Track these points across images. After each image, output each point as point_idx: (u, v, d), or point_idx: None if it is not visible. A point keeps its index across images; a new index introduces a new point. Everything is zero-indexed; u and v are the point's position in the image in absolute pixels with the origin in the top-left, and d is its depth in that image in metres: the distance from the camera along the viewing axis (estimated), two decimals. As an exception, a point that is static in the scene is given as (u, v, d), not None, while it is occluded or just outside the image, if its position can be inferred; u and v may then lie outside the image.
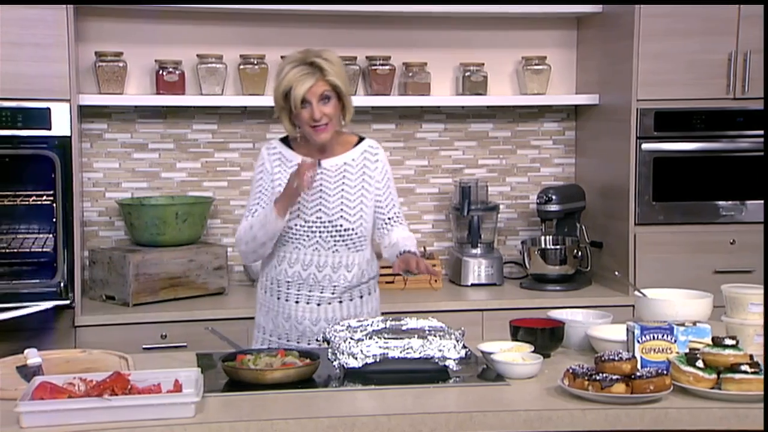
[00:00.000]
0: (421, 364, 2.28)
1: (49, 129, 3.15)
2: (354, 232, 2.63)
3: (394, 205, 2.71)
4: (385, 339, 2.29)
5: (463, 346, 2.32)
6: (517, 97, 3.91)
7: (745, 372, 2.08)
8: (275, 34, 3.74)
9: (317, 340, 2.59)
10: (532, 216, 3.98)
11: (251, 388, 2.17)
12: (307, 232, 2.61)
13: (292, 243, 2.63)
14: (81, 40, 3.43)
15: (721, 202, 3.61)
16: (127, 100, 3.59)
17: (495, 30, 3.91)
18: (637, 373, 2.10)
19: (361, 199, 2.64)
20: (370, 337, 2.29)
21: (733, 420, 2.04)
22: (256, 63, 3.64)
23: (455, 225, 3.88)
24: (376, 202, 2.68)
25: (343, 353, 2.27)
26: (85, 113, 3.55)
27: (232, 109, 3.76)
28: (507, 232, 4.02)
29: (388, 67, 3.75)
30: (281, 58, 3.65)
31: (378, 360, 2.26)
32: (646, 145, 3.56)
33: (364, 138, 2.73)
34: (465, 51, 3.88)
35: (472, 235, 3.76)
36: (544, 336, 2.44)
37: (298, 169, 2.49)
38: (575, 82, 3.99)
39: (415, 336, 2.31)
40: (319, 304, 2.65)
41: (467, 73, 3.82)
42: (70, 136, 3.18)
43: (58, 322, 3.15)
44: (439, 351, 2.28)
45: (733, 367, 2.10)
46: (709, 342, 2.20)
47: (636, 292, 2.63)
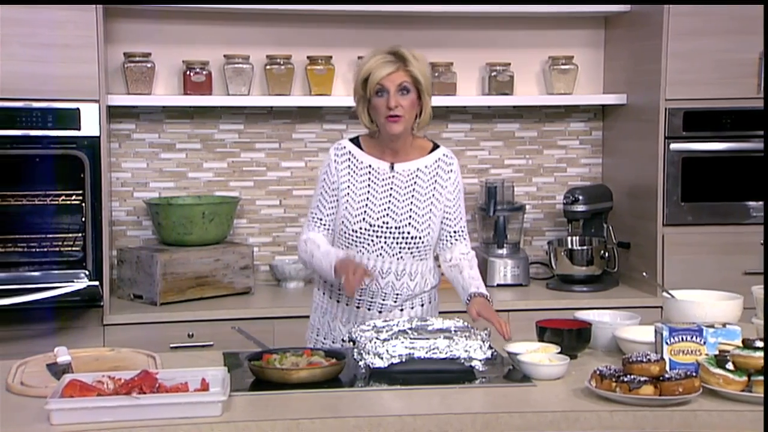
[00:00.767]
0: (447, 365, 2.28)
1: (78, 129, 3.18)
2: (421, 241, 2.55)
3: (461, 218, 2.62)
4: (411, 339, 2.29)
5: (489, 347, 2.31)
6: (543, 97, 3.89)
7: (776, 375, 2.05)
8: (301, 35, 3.75)
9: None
10: (558, 216, 3.96)
11: (277, 387, 2.17)
12: (372, 236, 2.54)
13: (356, 247, 2.55)
14: (110, 41, 3.47)
15: (750, 203, 3.57)
16: (154, 100, 3.62)
17: (521, 30, 3.90)
18: (666, 375, 2.08)
19: (430, 207, 2.56)
20: (396, 337, 2.29)
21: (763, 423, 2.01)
22: (282, 63, 3.66)
23: (481, 225, 3.86)
24: (445, 214, 2.59)
25: (368, 353, 2.27)
26: (114, 113, 3.58)
27: (258, 109, 3.78)
28: (533, 233, 4.01)
29: (414, 67, 3.74)
30: (307, 58, 3.70)
31: (404, 360, 2.26)
32: (674, 145, 3.53)
33: (440, 146, 2.62)
34: (491, 51, 3.86)
35: (498, 235, 3.74)
36: (571, 337, 2.43)
37: (348, 273, 2.39)
38: (602, 82, 3.97)
39: (441, 336, 2.30)
40: (381, 311, 2.59)
41: (493, 73, 3.81)
42: (99, 137, 3.21)
43: (87, 320, 3.19)
44: (465, 351, 2.27)
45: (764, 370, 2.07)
46: (740, 344, 2.17)
47: (664, 293, 2.61)
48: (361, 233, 2.54)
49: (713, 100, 3.51)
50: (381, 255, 2.55)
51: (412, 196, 2.56)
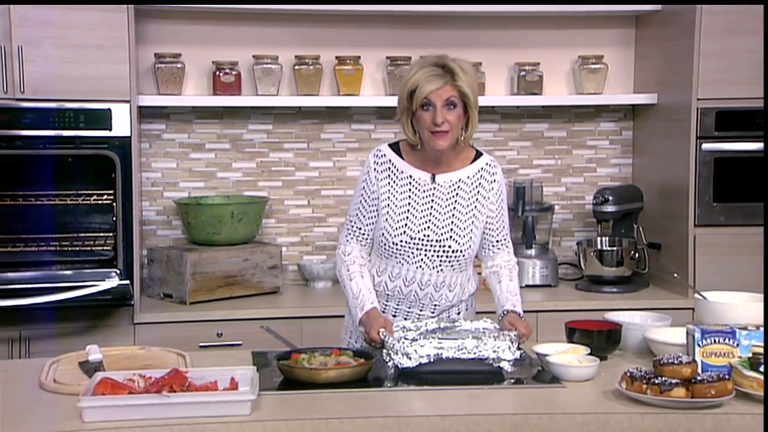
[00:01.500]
0: (475, 365, 2.27)
1: (109, 129, 3.21)
2: (462, 254, 2.50)
3: (504, 227, 2.57)
4: (439, 339, 2.28)
5: (518, 348, 2.30)
6: (573, 97, 3.86)
7: (811, 378, 2.02)
8: (330, 35, 3.75)
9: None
10: (587, 217, 3.94)
11: (306, 387, 2.18)
12: (413, 249, 2.49)
13: (395, 258, 2.50)
14: (141, 42, 3.50)
15: (784, 203, 3.52)
16: (184, 100, 3.64)
17: (551, 29, 3.87)
18: (698, 378, 2.06)
19: (472, 219, 2.50)
20: (425, 337, 2.29)
21: (797, 427, 1.98)
22: (311, 63, 3.67)
23: (509, 225, 3.84)
24: (487, 224, 2.54)
25: (397, 353, 2.27)
26: (144, 114, 3.61)
27: (286, 109, 3.79)
28: (562, 233, 3.98)
29: (442, 66, 3.74)
30: (336, 58, 3.71)
31: (432, 360, 2.26)
32: (706, 145, 3.49)
33: (482, 153, 2.57)
34: (520, 50, 3.85)
35: (526, 235, 3.72)
36: (601, 338, 2.41)
37: (372, 330, 2.38)
38: (633, 82, 3.93)
39: (470, 336, 2.29)
40: (419, 317, 2.56)
41: (522, 73, 3.79)
42: (130, 137, 3.24)
43: (118, 319, 3.21)
44: (494, 352, 2.26)
45: (798, 373, 2.04)
46: (773, 346, 2.14)
47: (696, 295, 2.58)
48: (401, 246, 2.50)
49: (746, 99, 3.46)
50: (420, 267, 2.51)
51: (454, 209, 2.50)
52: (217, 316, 3.31)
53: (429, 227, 2.49)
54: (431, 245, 2.50)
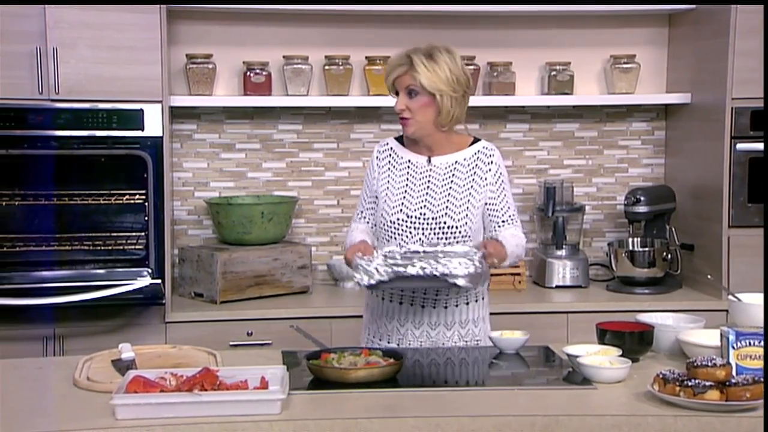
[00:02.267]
0: (431, 282, 2.35)
1: (142, 130, 3.24)
2: (458, 230, 2.53)
3: (509, 207, 2.59)
4: (403, 258, 2.37)
5: (475, 264, 2.34)
6: (604, 97, 3.83)
7: None
8: (360, 35, 3.76)
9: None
10: (619, 217, 3.90)
11: (335, 386, 2.18)
12: (410, 227, 2.55)
13: (395, 238, 2.56)
14: (173, 43, 3.52)
15: (820, 204, 3.46)
16: (215, 101, 3.66)
17: (582, 28, 3.85)
18: (732, 380, 2.03)
19: (468, 198, 2.55)
20: (398, 259, 2.38)
21: (835, 432, 1.95)
22: (340, 64, 3.67)
23: (539, 226, 3.83)
24: (489, 205, 2.57)
25: (360, 272, 2.37)
26: (176, 114, 3.64)
27: (316, 109, 3.80)
28: (593, 234, 3.95)
29: (472, 66, 3.73)
30: (365, 58, 3.71)
31: (390, 278, 2.34)
32: (741, 145, 3.44)
33: (480, 140, 2.62)
34: (551, 50, 3.82)
35: (556, 236, 3.70)
36: (633, 340, 2.39)
37: (348, 254, 2.49)
38: (665, 81, 3.89)
39: (438, 257, 2.35)
40: (423, 306, 2.59)
41: (553, 73, 3.77)
42: (162, 137, 3.27)
43: (150, 318, 3.24)
44: (446, 268, 2.32)
45: (836, 377, 2.01)
46: (809, 350, 2.11)
47: (730, 297, 2.54)
48: (399, 224, 2.57)
49: (781, 98, 3.41)
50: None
51: (450, 188, 2.56)
52: (247, 316, 3.32)
53: (425, 206, 2.56)
54: (428, 223, 2.55)
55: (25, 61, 3.14)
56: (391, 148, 2.66)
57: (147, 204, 3.31)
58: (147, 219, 3.32)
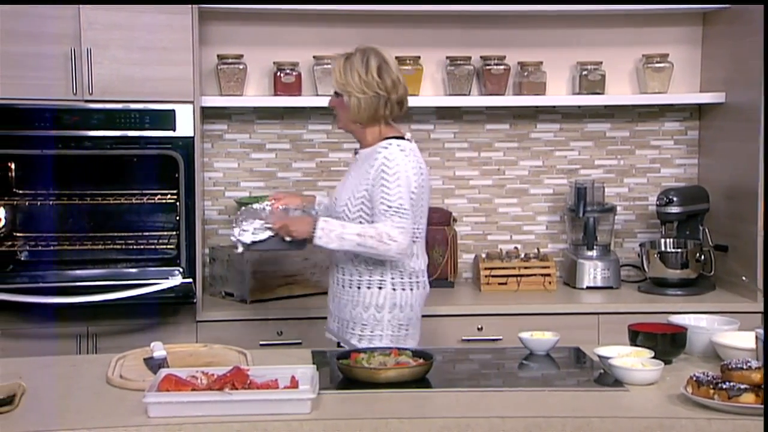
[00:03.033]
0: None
1: (173, 130, 3.27)
2: (346, 220, 2.65)
3: (382, 202, 2.58)
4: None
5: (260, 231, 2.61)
6: (636, 96, 3.80)
7: None
8: (389, 35, 3.75)
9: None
10: (651, 218, 3.86)
11: (365, 386, 2.18)
12: (339, 213, 2.70)
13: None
14: (204, 44, 3.55)
15: None
16: (246, 101, 3.68)
17: (614, 27, 3.81)
18: None
19: (353, 190, 2.67)
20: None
21: None
22: (370, 64, 3.67)
23: (570, 226, 3.80)
24: (365, 197, 2.63)
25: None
26: (207, 114, 3.66)
27: (346, 109, 3.80)
28: (624, 234, 3.92)
29: (502, 66, 3.71)
30: (395, 58, 3.70)
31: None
32: (775, 145, 3.39)
33: (397, 137, 2.67)
34: (582, 49, 3.80)
35: (587, 236, 3.67)
36: (665, 341, 2.36)
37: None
38: (699, 80, 3.85)
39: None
40: (343, 287, 2.71)
41: (584, 72, 3.74)
42: (193, 137, 3.29)
43: (181, 317, 3.26)
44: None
45: None
46: None
47: (765, 298, 2.50)
48: (330, 209, 2.78)
49: (818, 97, 3.36)
50: None
51: (356, 178, 2.70)
52: (277, 315, 3.34)
53: (336, 195, 2.77)
54: (339, 208, 2.71)
55: (59, 62, 3.18)
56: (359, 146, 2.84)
57: (178, 204, 3.34)
58: (178, 218, 3.35)
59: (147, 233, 3.49)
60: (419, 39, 3.76)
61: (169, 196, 3.41)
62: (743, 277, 3.11)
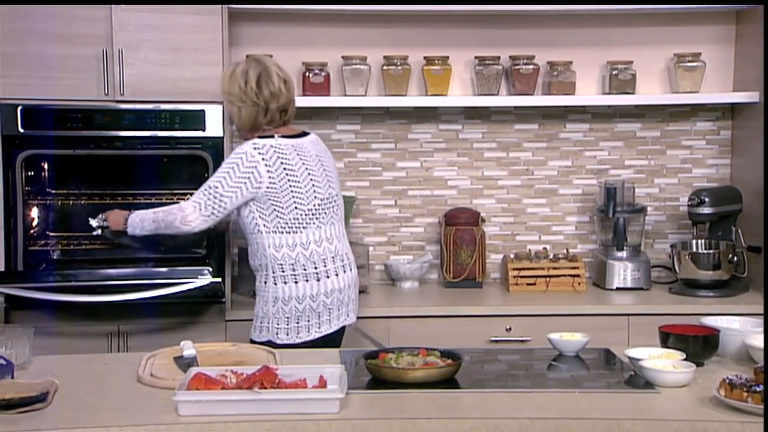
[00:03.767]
0: None
1: (203, 130, 3.29)
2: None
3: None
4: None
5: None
6: (668, 96, 3.76)
7: None
8: (418, 35, 3.76)
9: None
10: (682, 219, 3.83)
11: (393, 386, 2.18)
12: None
13: None
14: (233, 44, 3.56)
15: None
16: (275, 102, 3.69)
17: (645, 26, 3.78)
18: (802, 387, 1.97)
19: None
20: None
21: None
22: (399, 64, 3.68)
23: (599, 227, 3.77)
24: None
25: None
26: (236, 115, 3.68)
27: (375, 109, 3.81)
28: (655, 235, 3.88)
29: (531, 66, 3.70)
30: (424, 59, 3.71)
31: None
32: (810, 145, 3.34)
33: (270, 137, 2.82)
34: (612, 48, 3.77)
35: (617, 237, 3.64)
36: (697, 343, 2.34)
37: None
38: (732, 80, 3.80)
39: None
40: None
41: (614, 72, 3.71)
42: (223, 137, 3.31)
43: (210, 316, 3.29)
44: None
45: None
46: None
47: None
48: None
49: None
50: None
51: None
52: (306, 315, 3.34)
53: None
54: None
55: (92, 63, 3.21)
56: None
57: (208, 203, 3.35)
58: (208, 218, 3.36)
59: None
60: (448, 39, 3.75)
61: (198, 196, 3.42)
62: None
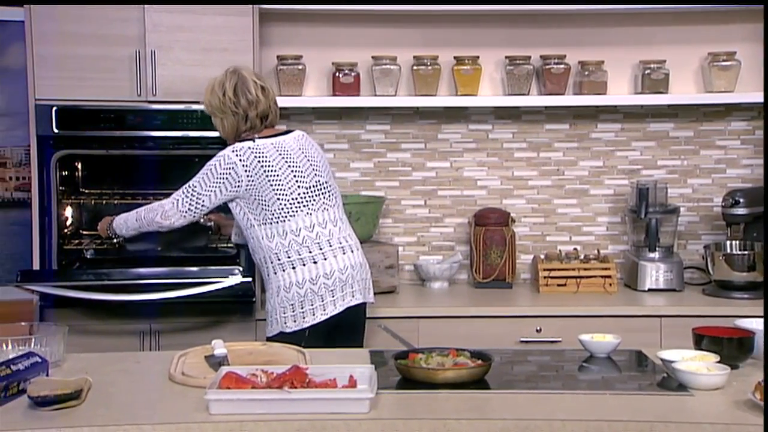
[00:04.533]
0: None
1: (234, 130, 3.30)
2: None
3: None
4: None
5: None
6: (701, 95, 3.72)
7: None
8: (448, 35, 3.75)
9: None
10: (715, 219, 3.78)
11: (423, 386, 2.17)
12: None
13: None
14: (264, 45, 3.58)
15: None
16: (305, 101, 3.71)
17: (678, 25, 3.74)
18: (840, 391, 1.93)
19: None
20: None
21: None
22: (429, 64, 3.67)
23: (631, 228, 3.74)
24: None
25: None
26: (267, 115, 3.69)
27: (404, 109, 3.80)
28: (688, 236, 3.84)
29: (563, 66, 3.67)
30: (454, 58, 3.70)
31: None
32: None
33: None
34: (645, 48, 3.73)
35: (649, 238, 3.61)
36: (732, 346, 2.30)
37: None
38: None
39: None
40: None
41: (647, 71, 3.67)
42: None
43: (240, 315, 3.30)
44: None
45: None
46: None
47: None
48: None
49: None
50: None
51: None
52: (335, 314, 3.34)
53: None
54: None
55: (124, 64, 3.25)
56: None
57: (238, 203, 3.36)
58: (238, 218, 3.37)
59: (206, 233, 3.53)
60: (478, 38, 3.74)
61: (229, 196, 3.44)
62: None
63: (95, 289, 3.11)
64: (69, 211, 3.50)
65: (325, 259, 2.84)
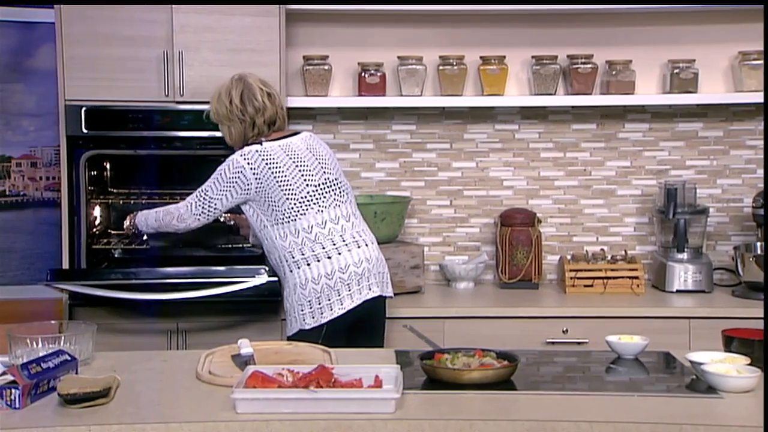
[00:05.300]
0: None
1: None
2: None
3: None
4: None
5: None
6: (731, 95, 3.68)
7: None
8: (474, 35, 3.74)
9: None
10: (745, 220, 3.74)
11: (448, 387, 2.17)
12: None
13: None
14: (290, 45, 3.60)
15: None
16: (330, 101, 3.71)
17: (707, 24, 3.70)
18: None
19: None
20: None
21: None
22: (455, 64, 3.66)
23: (659, 228, 3.70)
24: None
25: None
26: (292, 114, 3.70)
27: (430, 109, 3.80)
28: (717, 237, 3.80)
29: (590, 65, 3.65)
30: (480, 58, 3.69)
31: None
32: None
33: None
34: (673, 47, 3.70)
35: (678, 239, 3.57)
36: (762, 348, 2.27)
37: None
38: (798, 77, 3.70)
39: None
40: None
41: (676, 70, 3.64)
42: (279, 138, 3.33)
43: (266, 314, 3.31)
44: None
45: None
46: None
47: None
48: None
49: None
50: None
51: None
52: (361, 314, 3.34)
53: None
54: None
55: (152, 64, 3.27)
56: None
57: (264, 203, 3.38)
58: (264, 218, 3.39)
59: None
60: (504, 38, 3.73)
61: (254, 196, 3.45)
62: None
63: (124, 288, 3.14)
64: (97, 211, 3.54)
65: (339, 254, 2.85)
